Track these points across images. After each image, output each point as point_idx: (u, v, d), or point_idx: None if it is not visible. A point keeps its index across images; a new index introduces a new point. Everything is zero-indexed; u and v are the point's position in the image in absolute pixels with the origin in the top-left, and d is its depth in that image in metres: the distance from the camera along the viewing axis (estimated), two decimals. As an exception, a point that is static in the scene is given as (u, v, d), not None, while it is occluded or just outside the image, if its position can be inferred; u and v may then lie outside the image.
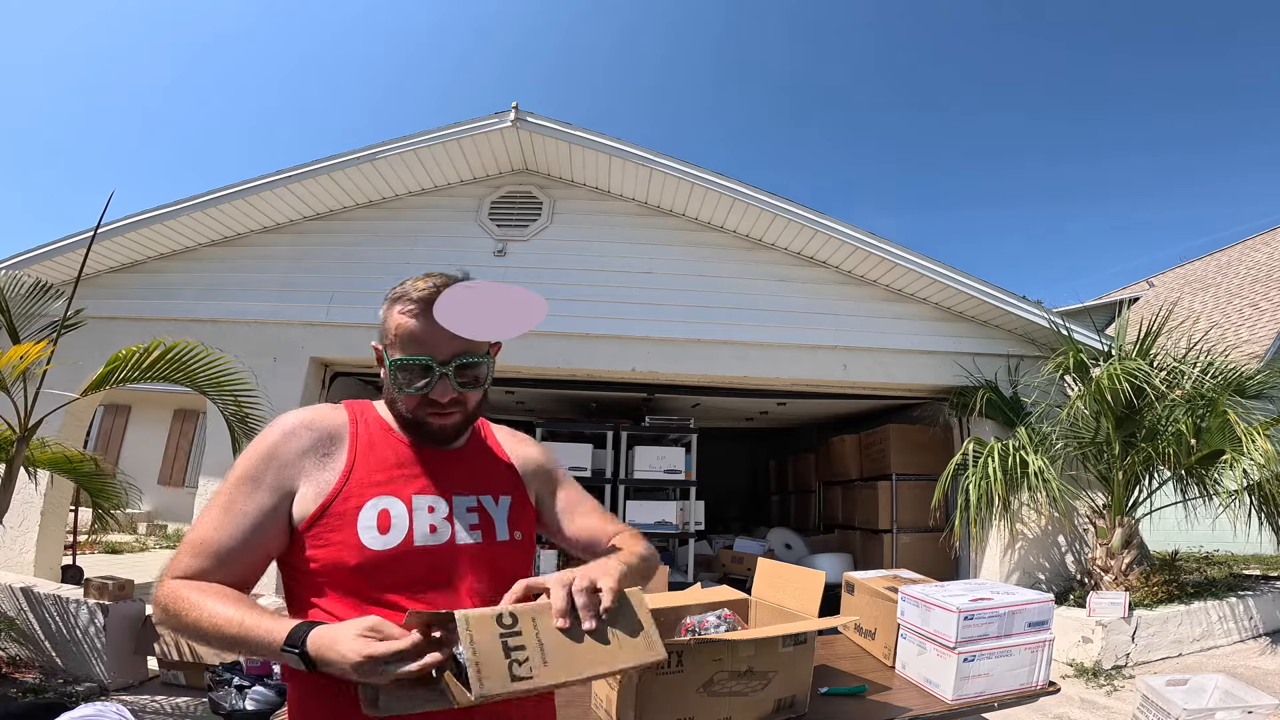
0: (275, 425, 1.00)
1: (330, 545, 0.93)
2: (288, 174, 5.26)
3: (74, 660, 3.63)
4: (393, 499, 0.97)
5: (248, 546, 0.92)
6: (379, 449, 1.01)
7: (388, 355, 1.01)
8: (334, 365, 5.64)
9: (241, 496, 0.93)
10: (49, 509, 5.10)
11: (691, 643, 1.43)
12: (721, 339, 5.48)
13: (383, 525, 0.94)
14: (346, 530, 0.93)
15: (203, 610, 0.84)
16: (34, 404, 3.05)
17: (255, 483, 0.94)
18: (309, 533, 0.94)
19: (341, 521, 0.94)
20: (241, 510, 0.92)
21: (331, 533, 0.93)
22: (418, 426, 1.02)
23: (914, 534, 6.07)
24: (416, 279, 1.02)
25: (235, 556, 0.91)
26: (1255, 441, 3.97)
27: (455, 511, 1.01)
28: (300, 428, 0.99)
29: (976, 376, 5.49)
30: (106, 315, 5.17)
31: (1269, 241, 11.81)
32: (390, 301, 1.03)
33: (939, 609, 1.83)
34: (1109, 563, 4.71)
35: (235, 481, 0.95)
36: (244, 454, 0.97)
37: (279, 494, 0.95)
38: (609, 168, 5.52)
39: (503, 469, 1.13)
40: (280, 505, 0.95)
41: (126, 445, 11.68)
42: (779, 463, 9.94)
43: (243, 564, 0.92)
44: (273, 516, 0.94)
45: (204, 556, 0.91)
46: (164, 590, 0.89)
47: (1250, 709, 2.73)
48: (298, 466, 0.96)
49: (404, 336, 0.98)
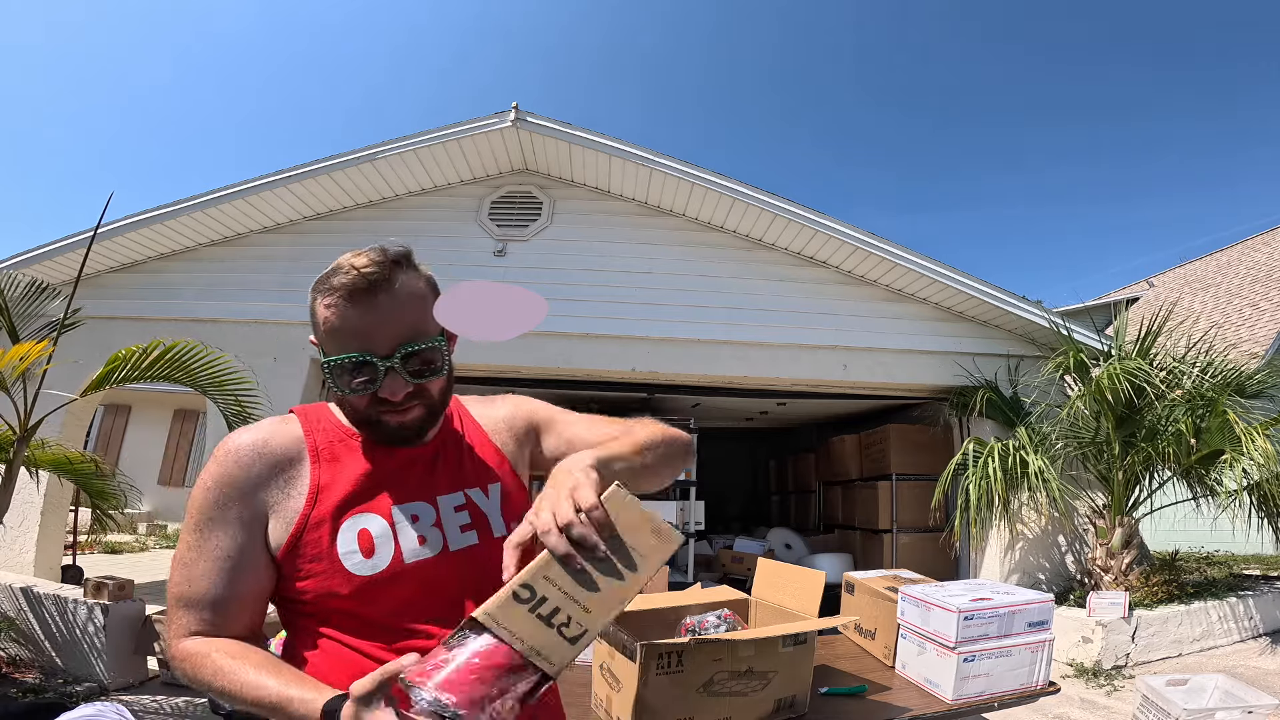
0: (224, 452, 0.86)
1: (315, 576, 0.83)
2: (288, 174, 5.26)
3: (74, 660, 3.63)
4: (371, 515, 0.86)
5: (236, 592, 0.83)
6: (343, 460, 0.89)
7: (321, 354, 0.87)
8: (334, 365, 5.63)
9: (209, 541, 0.83)
10: (49, 509, 5.10)
11: (691, 643, 1.43)
12: (721, 339, 5.48)
13: (365, 547, 0.84)
14: (327, 559, 0.83)
15: (233, 679, 0.77)
16: (34, 404, 3.05)
17: (217, 522, 0.83)
18: (288, 566, 0.84)
19: (319, 550, 0.83)
20: (214, 555, 0.82)
21: (312, 563, 0.83)
22: (376, 427, 0.88)
23: (914, 534, 6.08)
24: (347, 256, 0.87)
25: (228, 604, 0.82)
26: (1255, 441, 3.97)
27: (443, 515, 0.90)
28: (251, 455, 0.86)
29: (976, 376, 5.49)
30: (106, 315, 5.17)
31: (1269, 241, 11.82)
32: (313, 291, 0.88)
33: (939, 609, 1.83)
34: (1109, 563, 4.71)
35: (196, 526, 0.84)
36: (196, 490, 0.86)
37: (249, 527, 0.84)
38: (609, 168, 5.53)
39: (488, 453, 1.00)
40: (254, 538, 0.84)
41: (126, 445, 11.68)
42: (779, 463, 9.95)
43: (241, 610, 0.84)
44: (250, 553, 0.84)
45: (198, 611, 0.82)
46: (183, 653, 0.81)
47: (1250, 709, 2.73)
48: (259, 498, 0.85)
49: (331, 331, 0.84)
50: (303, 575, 0.84)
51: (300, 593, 0.85)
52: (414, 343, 0.86)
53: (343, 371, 0.85)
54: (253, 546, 0.84)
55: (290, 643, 0.90)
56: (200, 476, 0.87)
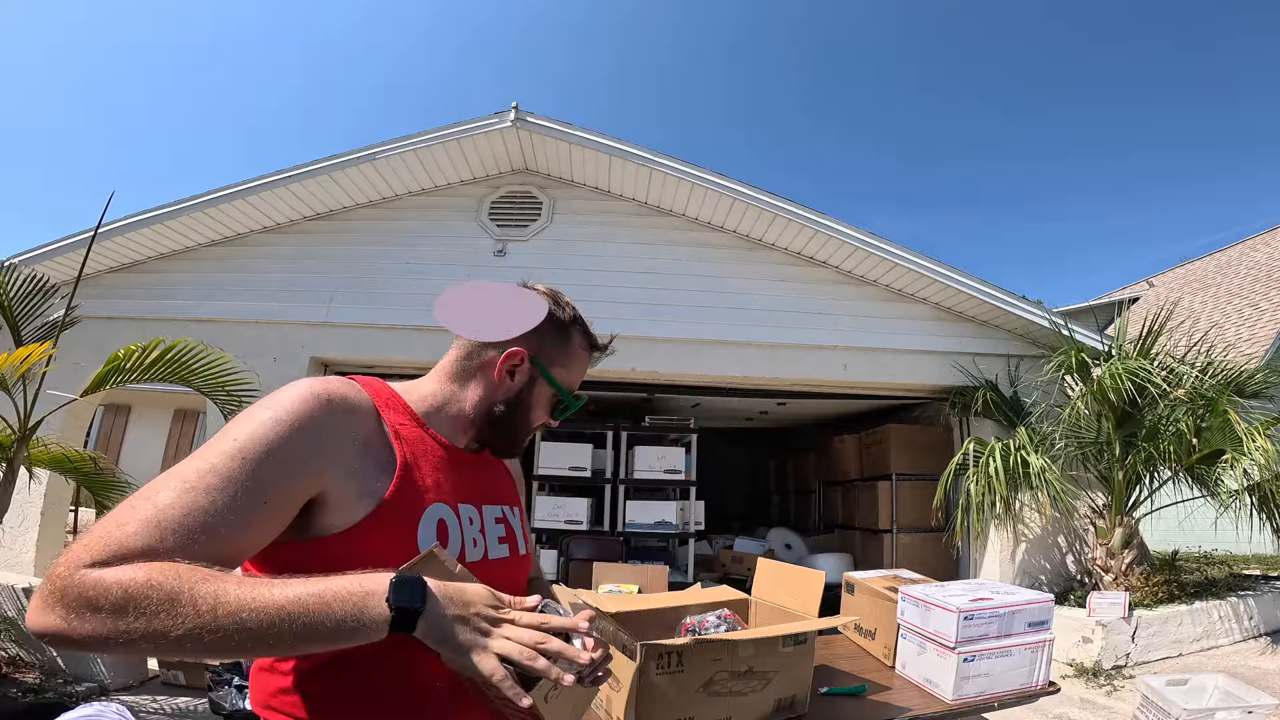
0: (311, 394, 0.76)
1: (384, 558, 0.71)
2: (288, 174, 5.26)
3: (74, 660, 3.63)
4: (445, 507, 0.84)
5: (247, 548, 0.69)
6: (420, 445, 0.86)
7: (549, 374, 0.94)
8: (334, 365, 5.64)
9: (256, 479, 0.67)
10: (49, 509, 5.10)
11: (691, 643, 1.43)
12: (721, 339, 5.48)
13: (442, 537, 0.81)
14: (405, 544, 0.77)
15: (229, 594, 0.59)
16: (34, 404, 3.05)
17: (278, 464, 0.70)
18: (344, 543, 0.74)
19: (397, 534, 0.77)
20: (253, 497, 0.67)
21: (385, 545, 0.75)
22: (508, 435, 0.94)
23: (914, 534, 6.07)
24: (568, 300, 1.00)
25: (234, 560, 0.67)
26: (1256, 441, 3.97)
27: (486, 523, 0.91)
28: (344, 411, 0.78)
29: (977, 376, 5.49)
30: (106, 315, 5.17)
31: (1269, 241, 11.81)
32: (572, 322, 0.97)
33: (939, 609, 1.82)
34: (1109, 563, 4.71)
35: (246, 455, 0.68)
36: (263, 419, 0.72)
37: (306, 486, 0.73)
38: (609, 167, 5.53)
39: (510, 477, 1.06)
40: (300, 500, 0.73)
41: (126, 445, 11.69)
42: (779, 463, 9.94)
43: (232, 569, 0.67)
44: (286, 514, 0.72)
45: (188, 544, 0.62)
46: (126, 577, 0.57)
47: (1250, 709, 2.73)
48: (338, 453, 0.76)
49: (575, 371, 0.98)
50: (361, 555, 0.72)
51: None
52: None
53: (558, 400, 0.97)
54: (293, 508, 0.73)
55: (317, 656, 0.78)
56: (272, 407, 0.74)
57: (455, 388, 0.93)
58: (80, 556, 0.59)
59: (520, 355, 0.91)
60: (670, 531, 5.75)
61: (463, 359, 0.93)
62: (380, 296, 5.46)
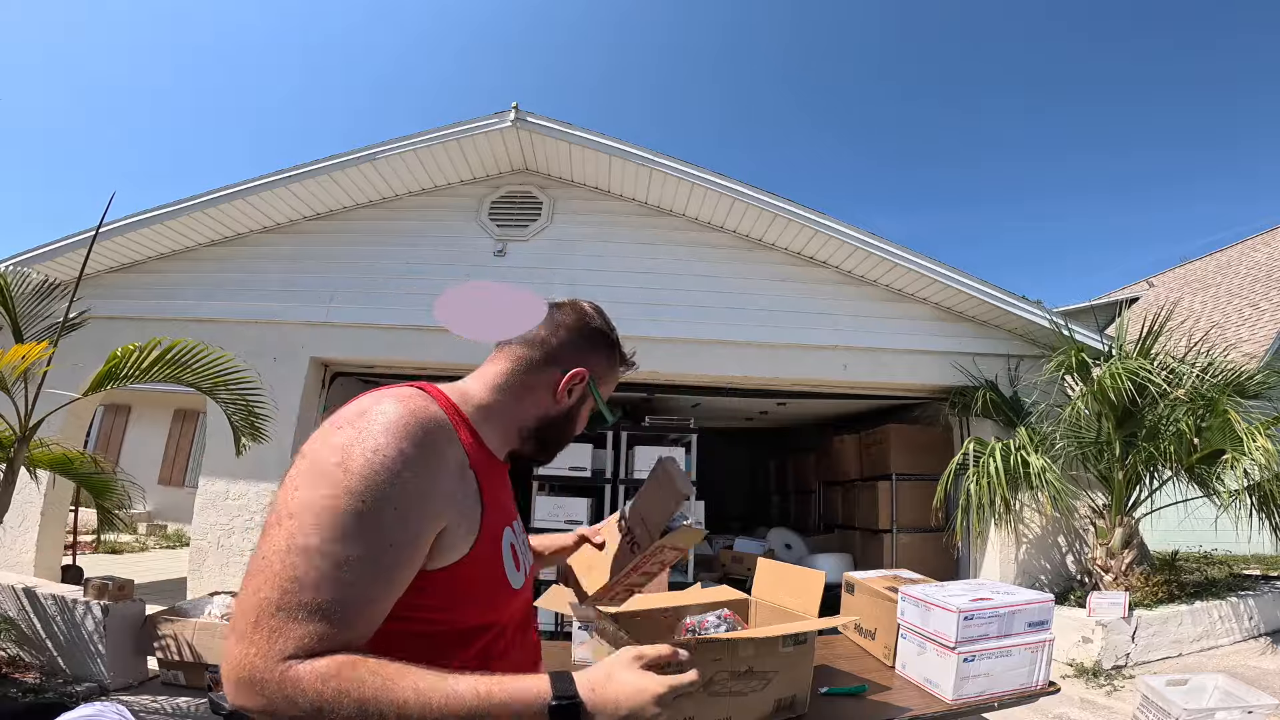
0: (417, 424, 0.72)
1: (475, 585, 0.75)
2: (288, 174, 5.26)
3: (74, 660, 3.63)
4: (509, 529, 0.86)
5: (384, 609, 0.68)
6: (485, 463, 0.84)
7: (597, 391, 0.96)
8: (334, 365, 5.64)
9: (381, 534, 0.66)
10: (49, 509, 5.10)
11: (691, 643, 1.43)
12: (721, 339, 5.48)
13: (511, 560, 0.83)
14: (496, 569, 0.79)
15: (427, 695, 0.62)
16: (34, 404, 3.05)
17: (399, 513, 0.67)
18: (448, 574, 0.74)
19: (493, 562, 0.79)
20: (383, 555, 0.66)
21: (481, 573, 0.77)
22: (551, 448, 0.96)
23: (914, 534, 6.07)
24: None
25: (374, 622, 0.67)
26: (1256, 441, 3.97)
27: (517, 537, 0.93)
28: (447, 438, 0.76)
29: (977, 376, 5.49)
30: (106, 315, 5.17)
31: (1269, 241, 11.81)
32: (615, 341, 0.99)
33: (939, 609, 1.82)
34: (1109, 563, 4.71)
35: (362, 510, 0.65)
36: (370, 459, 0.67)
37: (438, 528, 0.72)
38: (609, 167, 5.53)
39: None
40: (427, 545, 0.72)
41: (126, 445, 11.68)
42: (779, 463, 9.94)
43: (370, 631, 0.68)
44: (416, 563, 0.71)
45: (331, 624, 0.63)
46: (311, 674, 0.61)
47: (1250, 709, 2.73)
48: (451, 488, 0.74)
49: (613, 383, 1.01)
50: (469, 582, 0.75)
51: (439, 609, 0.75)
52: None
53: (596, 411, 0.99)
54: (420, 556, 0.71)
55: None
56: (372, 443, 0.68)
57: (508, 400, 0.90)
58: (272, 649, 0.61)
59: (583, 375, 0.93)
60: (670, 531, 5.73)
61: (520, 373, 0.91)
62: (380, 296, 5.46)
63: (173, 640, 3.60)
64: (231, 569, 4.99)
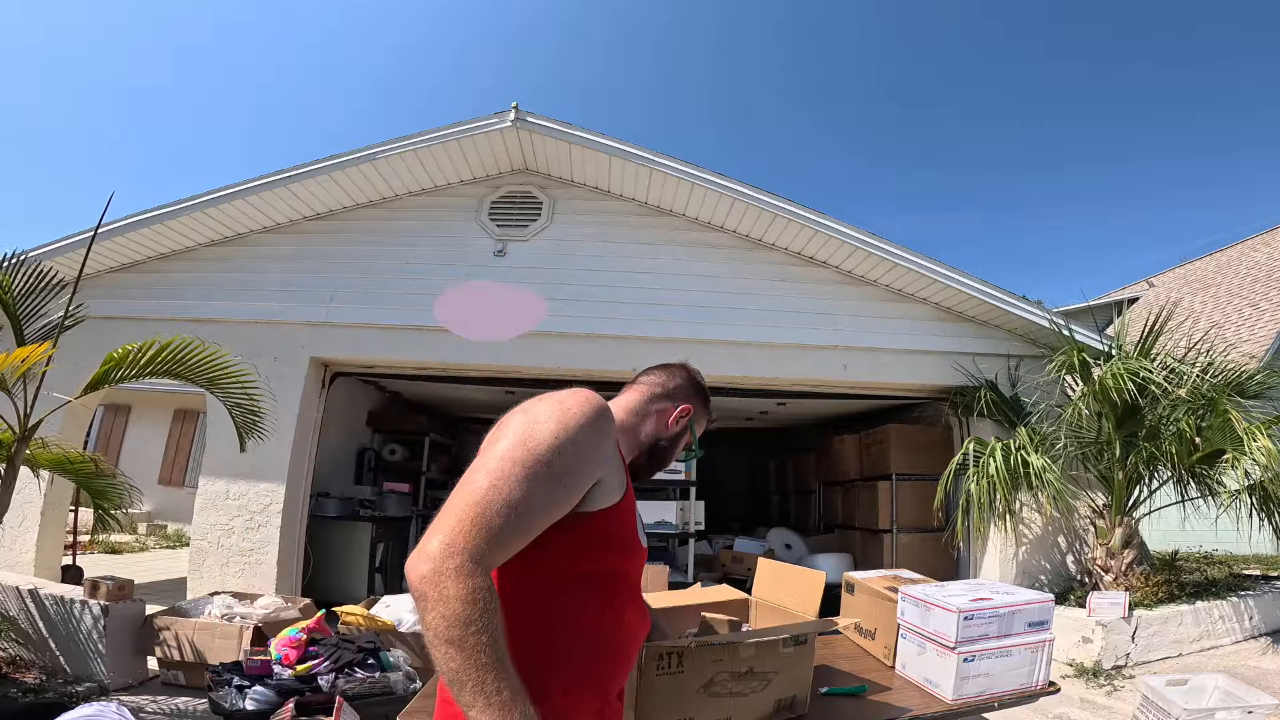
0: (597, 403, 0.95)
1: (615, 537, 0.98)
2: (288, 174, 5.26)
3: (74, 660, 3.63)
4: (637, 503, 1.11)
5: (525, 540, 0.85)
6: (624, 459, 1.10)
7: (694, 427, 1.27)
8: (334, 365, 5.64)
9: (561, 481, 0.86)
10: (49, 509, 5.11)
11: (692, 644, 1.43)
12: (721, 339, 5.48)
13: (640, 523, 1.08)
14: (632, 524, 1.03)
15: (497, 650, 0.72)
16: (34, 404, 3.05)
17: (575, 471, 0.88)
18: (603, 516, 0.95)
19: (629, 516, 1.02)
20: (550, 498, 0.85)
21: (623, 524, 0.99)
22: (655, 464, 1.24)
23: (914, 534, 6.08)
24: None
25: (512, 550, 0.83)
26: (1256, 441, 3.97)
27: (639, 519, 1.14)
28: (609, 416, 0.98)
29: (977, 376, 5.49)
30: (106, 315, 5.18)
31: (1269, 241, 11.81)
32: (706, 399, 1.29)
33: (939, 609, 1.82)
34: (1109, 563, 4.71)
35: (564, 455, 0.86)
36: (580, 423, 0.90)
37: (599, 474, 0.94)
38: (609, 167, 5.52)
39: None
40: (591, 484, 0.94)
41: (126, 445, 11.68)
42: (779, 463, 9.95)
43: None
44: (582, 494, 0.92)
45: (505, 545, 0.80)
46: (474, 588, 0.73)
47: (1250, 709, 2.73)
48: (611, 451, 0.98)
49: (703, 426, 1.30)
50: (616, 527, 0.98)
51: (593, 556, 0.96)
52: None
53: (688, 447, 1.29)
54: (585, 490, 0.92)
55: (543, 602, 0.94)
56: (575, 411, 0.91)
57: (637, 421, 1.19)
58: (469, 543, 0.75)
59: (689, 411, 1.23)
60: (670, 531, 5.75)
61: (647, 402, 1.21)
62: (380, 296, 5.45)
63: (173, 640, 3.60)
64: (231, 569, 4.99)
